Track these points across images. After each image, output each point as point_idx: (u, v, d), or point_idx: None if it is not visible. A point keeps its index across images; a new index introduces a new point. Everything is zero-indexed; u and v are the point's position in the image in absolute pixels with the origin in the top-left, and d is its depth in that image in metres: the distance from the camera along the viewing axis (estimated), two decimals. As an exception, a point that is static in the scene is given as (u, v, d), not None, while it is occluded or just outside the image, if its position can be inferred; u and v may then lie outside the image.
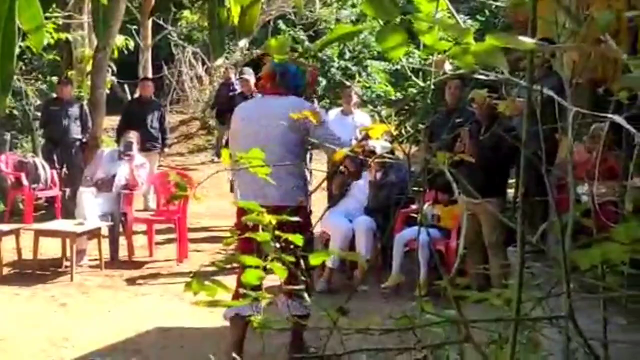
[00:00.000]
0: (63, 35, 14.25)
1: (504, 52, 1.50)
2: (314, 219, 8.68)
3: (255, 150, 2.24)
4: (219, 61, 17.18)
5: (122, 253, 9.76)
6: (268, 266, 1.95)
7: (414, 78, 1.85)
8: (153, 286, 8.69)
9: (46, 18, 1.78)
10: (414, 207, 8.62)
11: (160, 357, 6.31)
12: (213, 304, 2.05)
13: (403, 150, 2.06)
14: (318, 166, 10.56)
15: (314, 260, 1.93)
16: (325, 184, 10.67)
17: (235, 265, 8.44)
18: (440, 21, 1.54)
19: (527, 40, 1.48)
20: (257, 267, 1.90)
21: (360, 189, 8.77)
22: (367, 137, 3.43)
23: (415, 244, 8.23)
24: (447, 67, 2.18)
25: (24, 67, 14.07)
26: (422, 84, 2.26)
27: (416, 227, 8.29)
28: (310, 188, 9.82)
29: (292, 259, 1.93)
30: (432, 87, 2.21)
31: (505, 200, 7.81)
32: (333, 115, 9.98)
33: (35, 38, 1.77)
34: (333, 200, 9.19)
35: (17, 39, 1.51)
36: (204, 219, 11.90)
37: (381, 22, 1.59)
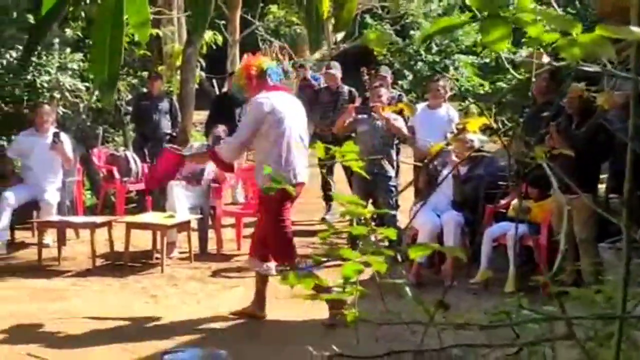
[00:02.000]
0: (153, 31, 14.45)
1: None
2: (401, 213, 8.71)
3: (350, 144, 2.24)
4: (316, 55, 17.32)
5: (211, 246, 9.88)
6: (367, 260, 1.95)
7: (512, 71, 1.82)
8: (241, 279, 8.75)
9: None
10: (502, 202, 8.51)
11: (248, 348, 6.36)
12: (313, 297, 2.05)
13: (503, 144, 2.03)
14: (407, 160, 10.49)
15: (413, 254, 1.93)
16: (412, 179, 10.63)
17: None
18: (546, 13, 1.51)
19: (638, 30, 1.44)
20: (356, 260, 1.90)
21: (448, 184, 8.69)
22: (464, 130, 3.39)
23: (504, 239, 8.14)
24: (545, 59, 2.15)
25: (115, 63, 14.26)
26: (519, 77, 2.21)
27: (505, 222, 8.20)
28: (398, 182, 9.82)
29: (391, 253, 1.93)
30: (525, 80, 2.17)
31: (597, 196, 7.67)
32: (419, 109, 9.90)
33: (141, 33, 1.79)
34: (420, 195, 9.13)
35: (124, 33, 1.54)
36: (291, 213, 11.92)
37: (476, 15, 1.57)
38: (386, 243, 5.61)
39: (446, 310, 1.89)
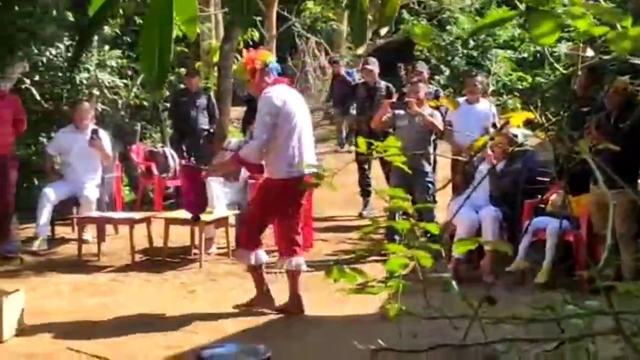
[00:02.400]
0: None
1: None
2: (438, 210, 8.67)
3: (392, 139, 2.24)
4: (360, 50, 17.33)
5: (249, 241, 9.90)
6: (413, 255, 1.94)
7: (556, 65, 1.80)
8: (280, 274, 8.76)
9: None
10: (541, 197, 8.45)
11: (286, 345, 6.37)
12: (359, 291, 2.05)
13: (549, 138, 2.01)
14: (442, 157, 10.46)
15: (458, 249, 1.92)
16: (449, 174, 10.58)
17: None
18: (596, 6, 1.49)
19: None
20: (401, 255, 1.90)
21: (486, 179, 8.65)
22: (507, 124, 3.37)
23: (543, 234, 8.09)
24: (589, 53, 2.13)
25: (153, 59, 14.34)
26: (564, 71, 2.19)
27: (544, 217, 8.14)
28: (435, 177, 9.78)
29: (437, 247, 1.92)
30: (571, 74, 2.16)
31: (637, 191, 7.59)
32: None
33: (189, 29, 1.81)
34: (458, 190, 9.10)
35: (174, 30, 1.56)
36: (328, 208, 11.94)
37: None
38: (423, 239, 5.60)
39: (493, 304, 1.88)
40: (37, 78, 11.42)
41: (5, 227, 9.33)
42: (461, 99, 10.26)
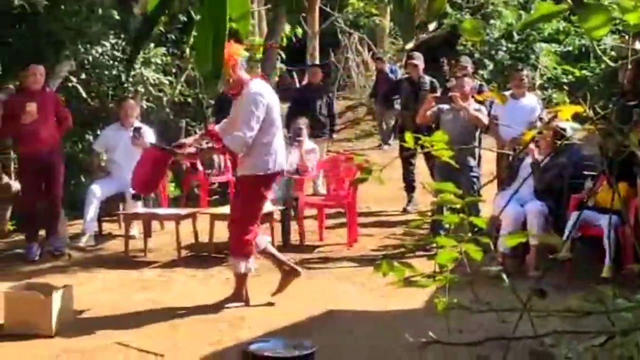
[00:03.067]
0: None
1: None
2: (484, 205, 8.63)
3: (439, 133, 2.24)
4: (409, 45, 17.30)
5: (294, 237, 9.94)
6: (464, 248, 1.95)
7: (605, 58, 1.78)
8: (323, 270, 8.80)
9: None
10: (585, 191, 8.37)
11: (330, 340, 6.38)
12: (408, 284, 2.06)
13: (598, 132, 2.00)
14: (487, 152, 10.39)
15: (508, 242, 1.92)
16: (494, 169, 10.54)
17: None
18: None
19: None
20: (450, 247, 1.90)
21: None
22: (555, 117, 3.34)
23: (589, 229, 8.03)
24: (638, 46, 2.11)
25: (197, 57, 14.44)
26: (612, 64, 2.18)
27: (590, 212, 8.06)
28: (480, 172, 9.74)
29: (487, 240, 1.92)
30: (620, 67, 2.14)
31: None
32: None
33: (242, 25, 1.83)
34: (502, 184, 9.05)
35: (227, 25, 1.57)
36: (372, 204, 11.95)
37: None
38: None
39: (543, 297, 1.88)
40: (83, 76, 11.54)
41: (54, 224, 9.46)
42: (506, 93, 10.20)
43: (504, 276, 2.08)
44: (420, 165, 11.60)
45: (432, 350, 5.63)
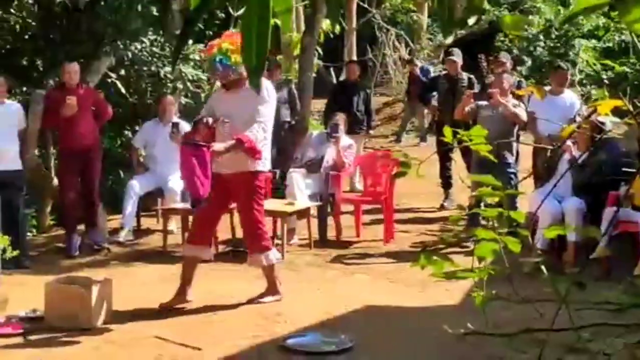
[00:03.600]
0: (272, 21, 14.59)
1: None
2: (521, 202, 8.59)
3: (478, 128, 2.25)
4: (449, 39, 17.28)
5: (330, 233, 9.97)
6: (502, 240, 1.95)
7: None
8: (360, 266, 8.82)
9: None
10: (624, 188, 8.31)
11: (368, 335, 6.40)
12: (449, 275, 2.07)
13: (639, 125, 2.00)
14: (528, 147, 10.34)
15: (548, 234, 1.93)
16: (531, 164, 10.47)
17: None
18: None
19: None
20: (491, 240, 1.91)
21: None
22: (594, 112, 3.32)
23: (626, 226, 7.98)
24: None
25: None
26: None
27: (628, 210, 8.02)
28: (518, 168, 9.69)
29: (527, 233, 1.93)
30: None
31: None
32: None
33: (284, 20, 1.85)
34: (540, 180, 9.01)
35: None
36: (409, 200, 11.94)
37: None
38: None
39: (582, 289, 1.88)
40: (122, 72, 11.64)
41: (93, 218, 9.57)
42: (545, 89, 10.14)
43: (543, 268, 2.09)
44: (458, 161, 11.57)
45: (469, 345, 5.64)
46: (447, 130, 2.36)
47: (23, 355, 6.05)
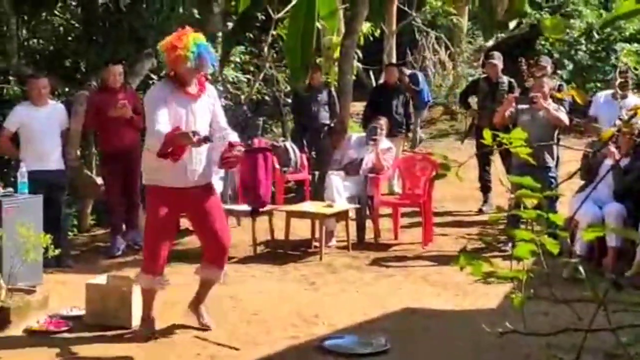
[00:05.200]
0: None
1: None
2: (561, 205, 8.54)
3: (518, 131, 2.26)
4: (490, 42, 17.22)
5: (369, 235, 9.98)
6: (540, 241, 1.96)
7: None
8: (398, 268, 8.82)
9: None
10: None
11: (406, 338, 6.40)
12: (488, 274, 2.08)
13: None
14: (568, 151, 10.27)
15: (586, 235, 1.93)
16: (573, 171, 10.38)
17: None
18: None
19: None
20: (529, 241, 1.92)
21: (609, 174, 8.47)
22: (635, 115, 3.32)
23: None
24: None
25: (275, 55, 14.62)
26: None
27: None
28: (558, 173, 9.63)
29: (566, 234, 1.94)
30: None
31: None
32: (602, 98, 9.83)
33: (330, 22, 1.88)
34: (581, 185, 8.94)
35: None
36: (448, 204, 11.92)
37: None
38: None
39: (620, 290, 1.88)
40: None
41: (134, 218, 9.67)
42: (608, 93, 10.10)
43: (581, 269, 2.10)
44: (497, 165, 11.52)
45: (506, 349, 5.63)
46: (487, 133, 2.37)
47: (64, 353, 6.12)
